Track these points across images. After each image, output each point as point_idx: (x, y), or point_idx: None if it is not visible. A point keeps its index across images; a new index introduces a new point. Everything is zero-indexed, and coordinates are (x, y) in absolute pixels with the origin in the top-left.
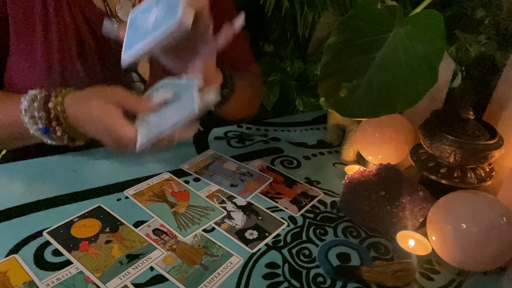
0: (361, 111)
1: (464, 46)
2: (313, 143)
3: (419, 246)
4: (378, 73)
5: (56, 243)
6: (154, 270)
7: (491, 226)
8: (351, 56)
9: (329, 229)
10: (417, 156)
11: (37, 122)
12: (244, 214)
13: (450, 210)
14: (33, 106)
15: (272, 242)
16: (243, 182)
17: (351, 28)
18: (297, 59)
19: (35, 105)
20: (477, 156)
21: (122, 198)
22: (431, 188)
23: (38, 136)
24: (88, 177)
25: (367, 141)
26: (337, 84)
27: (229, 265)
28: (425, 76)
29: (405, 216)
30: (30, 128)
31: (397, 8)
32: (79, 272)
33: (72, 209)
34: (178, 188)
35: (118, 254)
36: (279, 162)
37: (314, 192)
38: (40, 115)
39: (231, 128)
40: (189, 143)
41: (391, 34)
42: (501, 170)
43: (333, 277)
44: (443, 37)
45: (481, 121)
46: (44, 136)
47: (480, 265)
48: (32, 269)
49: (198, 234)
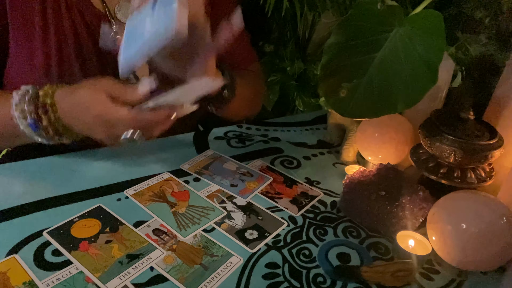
0: (361, 111)
1: (464, 46)
2: (313, 143)
3: (419, 246)
4: (378, 73)
5: (56, 243)
6: (154, 270)
7: (491, 226)
8: (351, 56)
9: (329, 229)
10: (417, 156)
11: (26, 116)
12: (244, 214)
13: (450, 210)
14: (24, 100)
15: (272, 242)
16: (243, 182)
17: (351, 28)
18: (297, 59)
19: (26, 99)
20: (477, 156)
21: (122, 198)
22: (431, 188)
23: (28, 133)
24: (88, 177)
25: (367, 141)
26: (337, 84)
27: (229, 265)
28: (425, 76)
29: (405, 216)
30: (20, 123)
31: (397, 8)
32: (79, 272)
33: (72, 209)
34: (178, 188)
35: (118, 254)
36: (279, 162)
37: (314, 192)
38: (30, 109)
39: (231, 128)
40: (189, 143)
41: (391, 34)
42: (501, 170)
43: (333, 277)
44: (443, 37)
45: (481, 121)
46: (33, 133)
47: (480, 265)
48: (32, 269)
49: (198, 234)
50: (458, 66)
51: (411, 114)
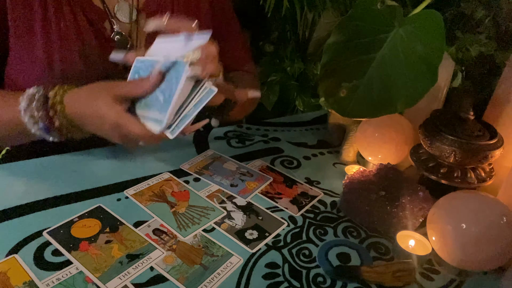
0: (361, 111)
1: (464, 46)
2: (313, 143)
3: (419, 246)
4: (378, 73)
5: (56, 243)
6: (154, 270)
7: (491, 226)
8: (351, 56)
9: (329, 229)
10: (417, 156)
11: (37, 121)
12: (244, 214)
13: (450, 210)
14: (32, 106)
15: (272, 242)
16: (243, 182)
17: (351, 28)
18: (297, 59)
19: (34, 105)
20: (477, 156)
21: (122, 198)
22: (431, 188)
23: (40, 134)
24: (88, 177)
25: (367, 141)
26: (337, 84)
27: (229, 265)
28: (425, 76)
29: (405, 216)
30: (30, 127)
31: (397, 8)
32: (79, 272)
33: (72, 209)
34: (178, 188)
35: (118, 254)
36: (279, 162)
37: (314, 192)
38: (40, 114)
39: (231, 128)
40: (189, 143)
41: (391, 34)
42: (501, 170)
43: (333, 277)
44: (443, 37)
45: (481, 121)
46: (46, 135)
47: (480, 265)
48: (32, 269)
49: (198, 234)
50: (458, 66)
51: (411, 114)
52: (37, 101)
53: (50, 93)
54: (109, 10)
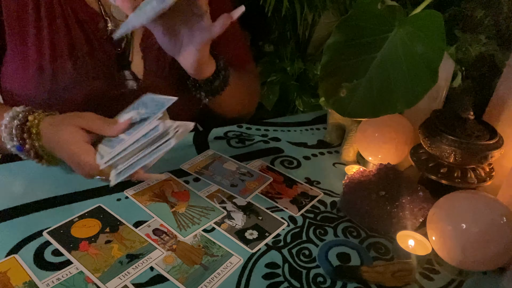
0: (361, 111)
1: (464, 46)
2: (313, 143)
3: (419, 246)
4: (378, 73)
5: (56, 243)
6: (154, 270)
7: (491, 226)
8: (351, 56)
9: (329, 229)
10: (417, 156)
11: (12, 138)
12: (244, 214)
13: (450, 210)
14: (13, 123)
15: (272, 242)
16: (243, 182)
17: (351, 28)
18: (297, 59)
19: (15, 122)
20: (477, 156)
21: (122, 198)
22: (431, 188)
23: (14, 151)
24: None
25: (367, 141)
26: (337, 84)
27: (229, 265)
28: (425, 76)
29: (405, 216)
30: (6, 143)
31: (397, 8)
32: (79, 272)
33: (72, 209)
34: (178, 188)
35: (118, 254)
36: (279, 162)
37: (314, 192)
38: (16, 133)
39: (231, 128)
40: (189, 143)
41: (391, 34)
42: (501, 170)
43: (333, 277)
44: (443, 37)
45: (481, 121)
46: (18, 152)
47: (480, 265)
48: (32, 269)
49: (198, 234)
50: (458, 66)
51: (411, 114)
52: (17, 120)
53: (30, 117)
54: (104, 10)
